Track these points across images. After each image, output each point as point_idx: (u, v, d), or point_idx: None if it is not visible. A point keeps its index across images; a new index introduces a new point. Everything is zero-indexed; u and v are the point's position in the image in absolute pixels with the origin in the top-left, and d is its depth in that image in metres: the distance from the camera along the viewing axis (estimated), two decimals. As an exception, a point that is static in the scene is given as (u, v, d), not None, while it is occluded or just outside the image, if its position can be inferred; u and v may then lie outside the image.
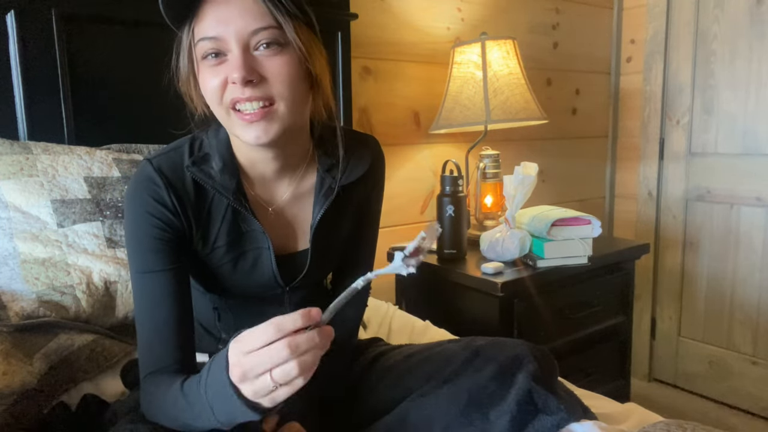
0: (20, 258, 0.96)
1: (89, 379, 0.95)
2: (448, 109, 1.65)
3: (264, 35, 0.69)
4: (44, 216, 1.00)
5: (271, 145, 0.74)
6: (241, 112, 0.70)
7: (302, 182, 0.84)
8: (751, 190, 2.02)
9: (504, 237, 1.45)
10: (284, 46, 0.70)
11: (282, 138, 0.73)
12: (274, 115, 0.71)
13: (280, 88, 0.70)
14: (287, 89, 0.71)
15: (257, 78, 0.69)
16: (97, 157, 1.10)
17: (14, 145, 1.05)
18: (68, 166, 1.06)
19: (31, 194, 1.00)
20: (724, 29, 2.04)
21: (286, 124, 0.72)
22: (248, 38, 0.69)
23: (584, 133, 2.31)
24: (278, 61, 0.70)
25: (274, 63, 0.70)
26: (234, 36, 0.68)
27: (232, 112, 0.71)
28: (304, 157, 0.84)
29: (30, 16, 1.10)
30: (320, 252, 0.85)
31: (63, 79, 1.14)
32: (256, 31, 0.69)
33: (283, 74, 0.70)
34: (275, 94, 0.70)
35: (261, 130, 0.70)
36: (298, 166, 0.83)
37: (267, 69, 0.70)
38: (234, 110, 0.71)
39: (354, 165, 0.85)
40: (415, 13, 1.74)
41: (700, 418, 2.02)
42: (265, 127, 0.70)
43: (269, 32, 0.69)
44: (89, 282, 0.97)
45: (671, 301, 2.28)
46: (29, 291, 0.93)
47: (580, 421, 0.75)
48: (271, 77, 0.70)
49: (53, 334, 0.92)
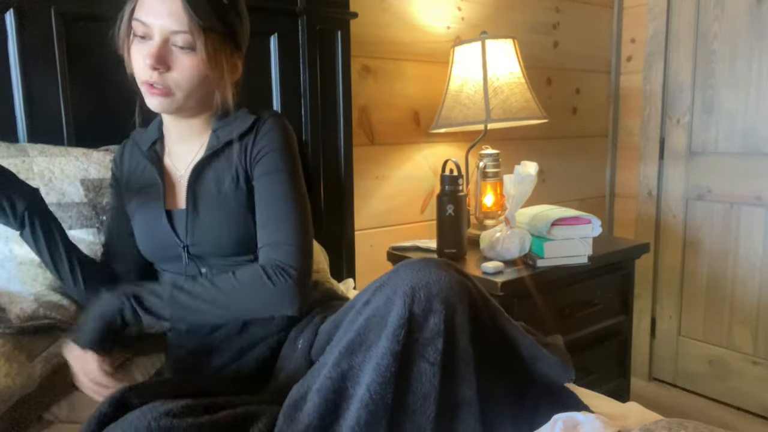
0: (16, 260, 0.96)
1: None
2: (448, 108, 1.65)
3: (180, 37, 0.86)
4: (41, 218, 0.99)
5: (173, 114, 0.95)
6: (149, 85, 0.88)
7: (200, 148, 0.99)
8: (751, 190, 2.02)
9: (504, 236, 1.45)
10: (194, 49, 0.87)
11: (176, 111, 0.93)
12: (170, 96, 0.90)
13: (179, 81, 0.88)
14: (185, 83, 0.89)
15: (164, 68, 0.87)
16: (94, 159, 1.09)
17: (10, 147, 1.04)
18: (65, 168, 1.05)
19: (28, 197, 1.00)
20: (724, 28, 2.03)
21: (180, 104, 0.91)
22: (168, 35, 0.86)
23: (584, 133, 2.31)
24: (185, 60, 0.87)
25: (181, 60, 0.87)
26: (158, 29, 0.86)
27: (143, 84, 0.90)
28: (205, 128, 0.99)
29: (29, 15, 1.09)
30: (195, 204, 0.95)
31: (62, 78, 1.14)
32: (175, 32, 0.86)
33: (184, 71, 0.88)
34: (173, 85, 0.88)
35: (158, 102, 0.90)
36: (200, 135, 0.99)
37: (175, 62, 0.87)
38: (144, 83, 0.89)
39: (238, 123, 0.96)
40: (415, 12, 1.74)
41: (700, 418, 2.02)
42: (160, 101, 0.89)
43: (184, 36, 0.86)
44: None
45: (671, 300, 2.28)
46: (27, 292, 0.92)
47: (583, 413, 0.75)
48: (175, 70, 0.88)
49: (55, 336, 0.92)
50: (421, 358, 0.71)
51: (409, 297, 0.71)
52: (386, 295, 0.73)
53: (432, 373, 0.71)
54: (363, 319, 0.74)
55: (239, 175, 0.94)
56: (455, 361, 0.73)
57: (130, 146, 1.05)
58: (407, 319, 0.70)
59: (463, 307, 0.73)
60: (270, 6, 1.37)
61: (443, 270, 0.74)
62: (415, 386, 0.71)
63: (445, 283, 0.73)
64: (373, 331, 0.72)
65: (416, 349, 0.71)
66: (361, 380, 0.71)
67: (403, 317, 0.70)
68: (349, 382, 0.71)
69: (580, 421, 0.74)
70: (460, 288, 0.74)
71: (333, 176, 1.51)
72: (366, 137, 1.68)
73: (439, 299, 0.72)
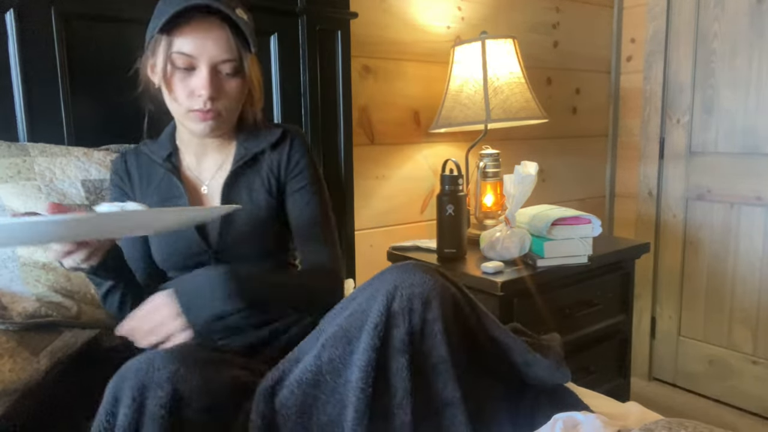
0: (19, 261, 0.96)
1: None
2: (448, 108, 1.65)
3: (229, 65, 0.91)
4: (42, 220, 0.99)
5: (217, 135, 0.99)
6: (197, 111, 0.91)
7: (226, 158, 1.03)
8: (751, 190, 2.02)
9: (504, 236, 1.45)
10: (239, 73, 0.93)
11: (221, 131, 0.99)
12: (220, 120, 0.94)
13: (228, 104, 0.94)
14: (234, 105, 0.95)
15: (217, 95, 0.91)
16: (94, 159, 1.09)
17: (11, 147, 1.04)
18: (66, 168, 1.05)
19: (29, 198, 1.00)
20: (724, 28, 2.03)
21: (227, 125, 0.98)
22: (217, 63, 0.90)
23: (584, 132, 2.31)
24: (233, 84, 0.93)
25: (230, 85, 0.93)
26: (207, 60, 0.89)
27: (190, 111, 0.92)
28: (230, 139, 1.04)
29: (29, 14, 1.09)
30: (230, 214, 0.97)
31: (62, 78, 1.14)
32: (224, 61, 0.90)
33: (234, 95, 0.94)
34: (224, 108, 0.93)
35: (208, 127, 0.93)
36: (224, 147, 1.04)
37: (224, 88, 0.92)
38: (192, 111, 0.92)
39: (266, 135, 1.03)
40: (415, 12, 1.74)
41: (699, 418, 2.01)
42: (211, 124, 0.93)
43: (233, 63, 0.91)
44: (87, 291, 0.98)
45: (671, 300, 2.28)
46: (29, 292, 0.93)
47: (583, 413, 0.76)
48: (225, 95, 0.93)
49: (58, 332, 0.92)
50: (400, 354, 0.73)
51: (391, 295, 0.74)
52: (370, 292, 0.76)
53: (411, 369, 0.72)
54: (346, 314, 0.76)
55: (271, 184, 1.01)
56: (434, 361, 0.75)
57: (134, 158, 1.05)
58: (387, 316, 0.73)
59: (443, 308, 0.75)
60: (270, 6, 1.38)
61: (427, 273, 0.77)
62: (395, 382, 0.72)
63: (429, 284, 0.75)
64: (354, 327, 0.74)
65: (395, 345, 0.73)
66: (342, 374, 0.72)
67: (383, 314, 0.73)
68: (329, 375, 0.73)
69: (580, 420, 0.74)
70: (442, 290, 0.76)
71: (333, 176, 1.51)
72: (366, 137, 1.68)
73: (420, 299, 0.74)
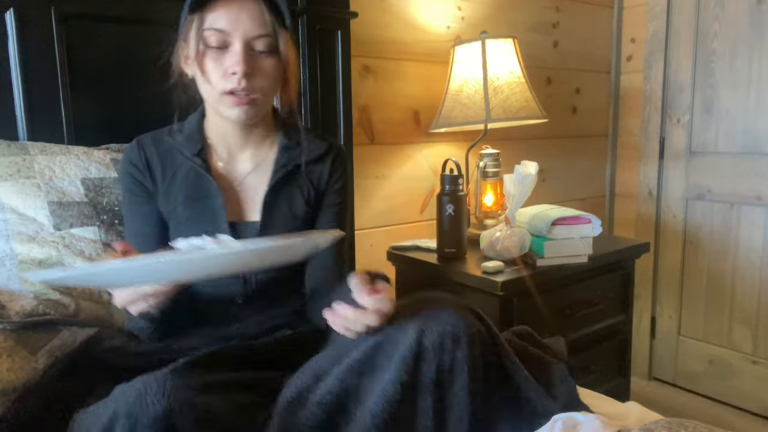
0: (17, 259, 0.96)
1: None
2: (448, 108, 1.65)
3: (263, 41, 0.86)
4: (41, 218, 0.99)
5: (253, 121, 0.93)
6: (233, 95, 0.86)
7: (264, 158, 0.99)
8: (751, 189, 2.02)
9: (504, 236, 1.45)
10: (275, 51, 0.88)
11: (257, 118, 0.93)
12: (256, 103, 0.89)
13: (264, 85, 0.88)
14: (269, 85, 0.90)
15: (252, 72, 0.86)
16: (94, 158, 1.09)
17: (11, 145, 1.04)
18: (65, 167, 1.05)
19: (28, 196, 1.00)
20: (724, 28, 2.03)
21: (263, 110, 0.93)
22: (251, 39, 0.85)
23: (584, 132, 2.31)
24: (269, 63, 0.88)
25: (265, 64, 0.88)
26: (240, 35, 0.84)
27: (224, 95, 0.87)
28: (265, 136, 1.00)
29: (29, 14, 1.09)
30: (271, 220, 0.95)
31: (62, 78, 1.14)
32: (258, 36, 0.86)
33: (270, 74, 0.88)
34: (260, 88, 0.88)
35: (244, 113, 0.88)
36: (260, 143, 0.99)
37: (259, 67, 0.87)
38: (227, 93, 0.86)
39: (311, 147, 1.00)
40: (415, 12, 1.73)
41: (699, 417, 2.01)
42: (247, 110, 0.88)
43: (267, 39, 0.86)
44: (84, 288, 0.97)
45: (671, 300, 2.28)
46: (27, 290, 0.93)
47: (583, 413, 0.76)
48: (261, 75, 0.87)
49: (56, 330, 0.92)
50: (427, 390, 0.71)
51: (421, 330, 0.72)
52: (399, 323, 0.74)
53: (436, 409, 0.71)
54: (373, 342, 0.74)
55: (310, 195, 1.00)
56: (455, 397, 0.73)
57: (152, 146, 0.96)
58: (418, 352, 0.71)
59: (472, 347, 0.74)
60: (270, 5, 1.38)
61: (458, 311, 0.76)
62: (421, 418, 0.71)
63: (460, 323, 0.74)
64: (381, 356, 0.73)
65: (423, 380, 0.71)
66: (365, 403, 0.71)
67: (413, 349, 0.71)
68: (352, 401, 0.72)
69: (579, 421, 0.74)
70: (471, 329, 0.75)
71: (333, 176, 1.51)
72: (366, 137, 1.68)
73: (450, 337, 0.72)
